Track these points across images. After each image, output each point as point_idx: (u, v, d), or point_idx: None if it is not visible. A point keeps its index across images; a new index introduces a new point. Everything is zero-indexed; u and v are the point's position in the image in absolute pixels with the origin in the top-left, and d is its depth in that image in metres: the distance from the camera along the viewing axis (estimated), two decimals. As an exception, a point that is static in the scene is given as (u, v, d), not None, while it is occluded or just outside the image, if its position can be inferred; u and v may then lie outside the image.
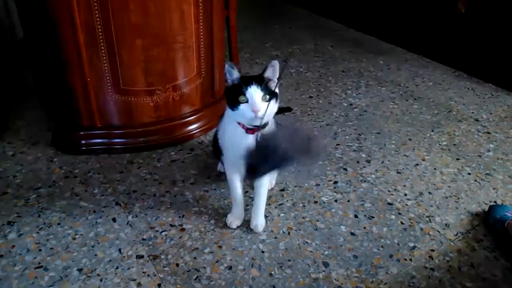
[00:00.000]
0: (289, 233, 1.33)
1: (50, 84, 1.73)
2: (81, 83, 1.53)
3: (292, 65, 2.47)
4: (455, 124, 1.97)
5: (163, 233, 1.31)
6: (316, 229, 1.35)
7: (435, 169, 1.66)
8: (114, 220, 1.36)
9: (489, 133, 1.91)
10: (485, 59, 2.36)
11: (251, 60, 2.53)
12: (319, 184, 1.55)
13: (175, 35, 1.55)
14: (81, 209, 1.39)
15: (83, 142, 1.66)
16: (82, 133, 1.65)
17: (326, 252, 1.27)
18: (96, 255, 1.23)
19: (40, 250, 1.24)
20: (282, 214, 1.40)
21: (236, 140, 1.17)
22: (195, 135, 1.79)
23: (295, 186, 1.53)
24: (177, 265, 1.21)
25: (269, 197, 1.47)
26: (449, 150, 1.78)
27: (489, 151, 1.79)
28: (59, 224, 1.33)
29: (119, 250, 1.25)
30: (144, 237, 1.30)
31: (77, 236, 1.29)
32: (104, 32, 1.45)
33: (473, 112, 2.07)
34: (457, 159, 1.73)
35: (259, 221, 1.33)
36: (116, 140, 1.67)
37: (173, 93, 1.67)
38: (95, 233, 1.30)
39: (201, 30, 1.63)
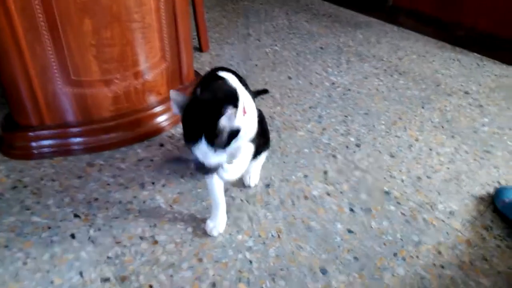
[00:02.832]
0: (279, 237, 1.16)
1: None
2: (23, 75, 1.29)
3: (266, 44, 2.27)
4: (445, 99, 1.83)
5: (132, 248, 1.12)
6: (309, 229, 1.19)
7: (430, 149, 1.52)
8: (73, 236, 1.15)
9: (481, 106, 1.79)
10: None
11: (221, 40, 2.31)
12: (307, 176, 1.38)
13: (131, 12, 1.32)
14: (33, 225, 1.18)
15: (33, 144, 1.43)
16: (31, 134, 1.42)
17: (323, 256, 1.11)
18: (52, 282, 1.03)
19: (-18, 281, 1.03)
20: (269, 215, 1.23)
21: None
22: (164, 128, 1.58)
23: (281, 181, 1.36)
24: (151, 287, 1.02)
25: (253, 195, 1.30)
26: (442, 127, 1.64)
27: (484, 125, 1.66)
28: (6, 246, 1.12)
29: (80, 273, 1.05)
30: (110, 254, 1.10)
31: (28, 260, 1.08)
32: (44, 13, 1.21)
33: (462, 85, 1.94)
34: (452, 136, 1.59)
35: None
36: (72, 140, 1.45)
37: (134, 81, 1.45)
38: (50, 255, 1.10)
39: (162, 6, 1.41)
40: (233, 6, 2.76)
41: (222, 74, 1.07)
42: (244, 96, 1.02)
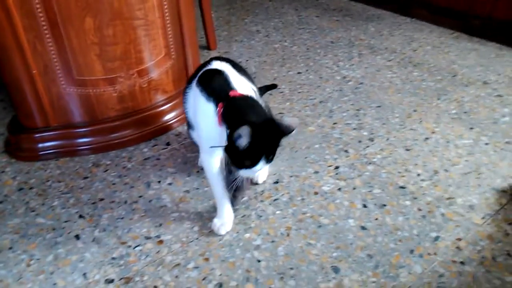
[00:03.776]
0: (288, 234, 1.12)
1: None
2: (26, 76, 1.28)
3: (275, 40, 2.23)
4: (462, 90, 1.75)
5: (137, 248, 1.09)
6: (320, 226, 1.14)
7: (447, 142, 1.45)
8: (77, 237, 1.13)
9: (500, 96, 1.70)
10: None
11: (229, 38, 2.28)
12: (318, 172, 1.33)
13: (133, 10, 1.30)
14: (38, 227, 1.16)
15: (39, 146, 1.41)
16: (36, 135, 1.41)
17: (334, 254, 1.06)
18: (55, 284, 1.01)
19: (-15, 284, 1.01)
20: (278, 212, 1.19)
21: (214, 134, 0.98)
22: (171, 127, 1.55)
23: (291, 176, 1.31)
24: (156, 287, 0.99)
25: (261, 192, 1.25)
26: (460, 118, 1.57)
27: (504, 116, 1.58)
28: (10, 248, 1.10)
29: (84, 274, 1.02)
30: (114, 255, 1.07)
31: (32, 262, 1.06)
32: (45, 11, 1.20)
33: (479, 75, 1.86)
34: (471, 128, 1.52)
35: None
36: (78, 141, 1.43)
37: (139, 79, 1.43)
38: (54, 256, 1.07)
39: (165, 3, 1.38)
40: (241, 3, 2.73)
41: (217, 65, 1.05)
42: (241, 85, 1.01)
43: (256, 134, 0.87)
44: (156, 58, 1.44)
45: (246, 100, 0.95)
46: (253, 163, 0.92)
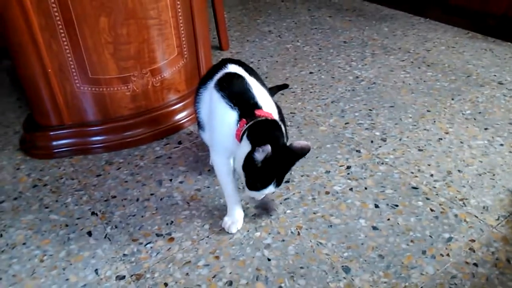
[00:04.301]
0: (298, 234, 1.11)
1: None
2: (42, 74, 1.31)
3: (287, 40, 2.23)
4: (476, 90, 1.73)
5: (148, 245, 1.10)
6: (331, 226, 1.13)
7: (461, 142, 1.43)
8: (89, 233, 1.14)
9: (516, 96, 1.68)
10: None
11: (242, 38, 2.29)
12: (329, 171, 1.32)
13: (147, 9, 1.31)
14: (51, 223, 1.18)
15: (54, 143, 1.44)
16: (51, 133, 1.43)
17: (345, 254, 1.05)
18: (67, 279, 1.02)
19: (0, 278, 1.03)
20: (288, 211, 1.18)
21: (228, 140, 1.01)
22: (183, 126, 1.56)
23: (302, 176, 1.31)
24: (166, 285, 0.99)
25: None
26: (474, 119, 1.55)
27: (520, 117, 1.56)
28: (24, 244, 1.12)
29: (96, 271, 1.04)
30: (126, 252, 1.08)
31: (45, 258, 1.08)
32: (61, 12, 1.21)
33: (495, 75, 1.83)
34: (485, 128, 1.50)
35: None
36: (91, 139, 1.45)
37: (152, 78, 1.44)
38: (66, 252, 1.09)
39: (178, 3, 1.39)
40: (254, 4, 2.74)
41: (234, 68, 1.06)
42: (258, 92, 1.02)
43: (273, 158, 0.92)
44: (169, 57, 1.45)
45: (270, 124, 0.98)
46: (263, 186, 0.97)
